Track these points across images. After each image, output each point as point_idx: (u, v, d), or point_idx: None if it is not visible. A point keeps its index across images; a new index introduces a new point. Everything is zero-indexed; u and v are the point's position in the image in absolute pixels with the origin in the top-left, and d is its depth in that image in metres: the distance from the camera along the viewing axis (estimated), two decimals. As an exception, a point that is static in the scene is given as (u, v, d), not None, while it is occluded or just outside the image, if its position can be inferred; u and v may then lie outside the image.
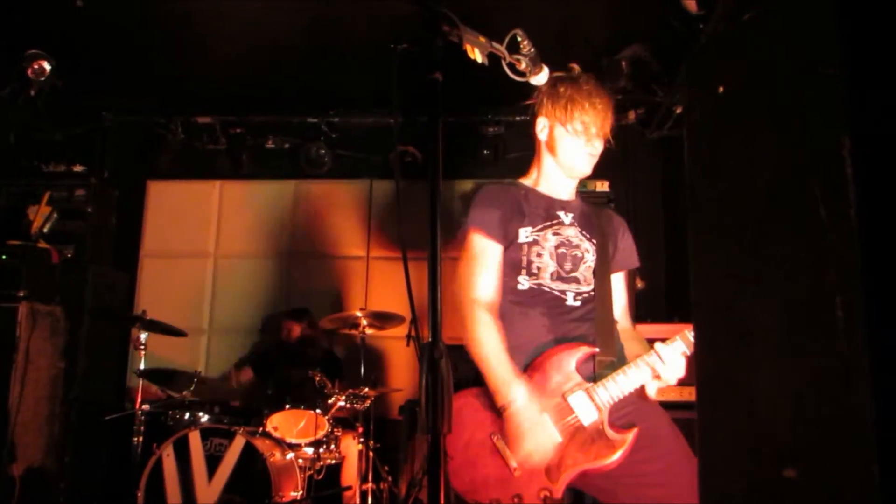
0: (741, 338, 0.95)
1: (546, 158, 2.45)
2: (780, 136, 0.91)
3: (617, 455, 2.11)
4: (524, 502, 2.10)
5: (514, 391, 2.12)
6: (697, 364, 1.05)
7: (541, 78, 2.02)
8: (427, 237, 1.38)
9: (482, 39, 1.65)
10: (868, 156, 0.78)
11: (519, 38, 1.90)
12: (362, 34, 4.48)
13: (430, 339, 1.30)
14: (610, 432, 2.14)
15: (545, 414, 2.14)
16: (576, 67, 2.42)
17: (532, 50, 1.94)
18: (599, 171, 2.48)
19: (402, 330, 4.69)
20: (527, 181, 2.51)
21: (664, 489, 2.10)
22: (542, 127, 2.42)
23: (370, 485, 4.32)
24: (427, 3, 1.43)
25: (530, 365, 2.24)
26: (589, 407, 2.17)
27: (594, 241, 2.41)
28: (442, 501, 1.19)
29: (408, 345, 4.80)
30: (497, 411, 2.16)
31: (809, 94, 0.86)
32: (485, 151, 5.69)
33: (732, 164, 0.98)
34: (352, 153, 5.84)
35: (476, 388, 2.27)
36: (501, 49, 1.80)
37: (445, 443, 1.26)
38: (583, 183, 3.75)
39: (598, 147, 2.38)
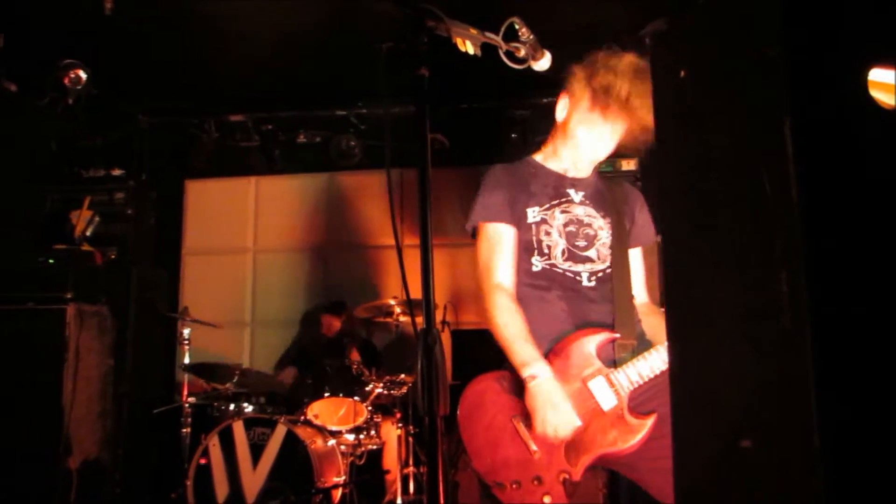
0: (703, 317, 0.97)
1: (560, 137, 2.45)
2: (731, 118, 0.93)
3: (636, 440, 2.12)
4: (544, 484, 2.14)
5: (539, 366, 2.15)
6: (669, 345, 1.08)
7: (543, 63, 2.03)
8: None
9: (473, 31, 1.67)
10: (809, 134, 0.80)
11: (517, 26, 1.91)
12: (382, 24, 4.51)
13: (423, 326, 1.35)
14: (629, 417, 2.15)
15: (566, 397, 2.17)
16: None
17: (532, 37, 1.95)
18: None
19: (437, 316, 4.75)
20: (538, 157, 2.50)
21: None
22: (562, 106, 2.42)
23: (411, 468, 4.41)
24: (409, 1, 1.46)
25: (551, 351, 2.25)
26: (608, 392, 2.18)
27: (608, 219, 2.39)
28: (441, 480, 1.24)
29: (442, 330, 4.86)
30: (519, 395, 2.19)
31: (757, 76, 0.87)
32: (512, 135, 5.71)
33: (692, 148, 1.00)
34: (381, 143, 5.89)
35: (498, 372, 2.30)
36: (496, 38, 1.81)
37: (442, 424, 1.31)
38: (609, 161, 3.73)
39: (617, 131, 2.35)
